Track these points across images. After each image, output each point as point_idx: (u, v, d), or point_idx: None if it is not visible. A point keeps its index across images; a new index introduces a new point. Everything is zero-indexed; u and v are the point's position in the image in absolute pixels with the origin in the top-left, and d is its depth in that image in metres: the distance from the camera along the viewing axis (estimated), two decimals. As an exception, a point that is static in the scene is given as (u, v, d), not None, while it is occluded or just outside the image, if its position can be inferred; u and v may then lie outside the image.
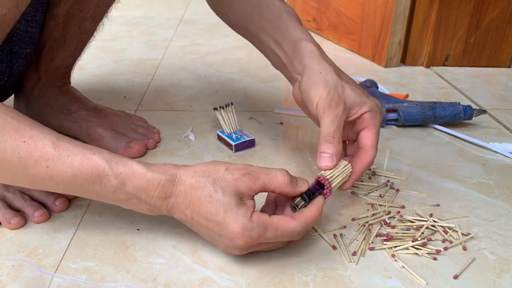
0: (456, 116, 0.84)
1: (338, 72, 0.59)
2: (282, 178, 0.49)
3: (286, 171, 0.50)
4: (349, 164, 0.56)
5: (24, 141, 0.45)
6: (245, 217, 0.46)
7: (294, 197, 0.52)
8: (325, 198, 0.52)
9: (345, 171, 0.55)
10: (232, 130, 0.79)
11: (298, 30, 0.62)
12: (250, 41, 0.72)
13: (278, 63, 0.66)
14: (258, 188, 0.49)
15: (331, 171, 0.54)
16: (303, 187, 0.51)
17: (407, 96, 0.93)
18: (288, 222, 0.48)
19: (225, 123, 0.79)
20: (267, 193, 0.54)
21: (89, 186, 0.47)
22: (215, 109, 0.80)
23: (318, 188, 0.52)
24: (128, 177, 0.47)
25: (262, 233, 0.47)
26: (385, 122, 0.85)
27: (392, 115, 0.85)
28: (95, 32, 0.75)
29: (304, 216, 0.49)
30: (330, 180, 0.53)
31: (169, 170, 0.48)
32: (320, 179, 0.53)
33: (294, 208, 0.51)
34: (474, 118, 0.86)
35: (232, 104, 0.82)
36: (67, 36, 0.71)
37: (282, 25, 0.63)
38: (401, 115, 0.84)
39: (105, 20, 0.75)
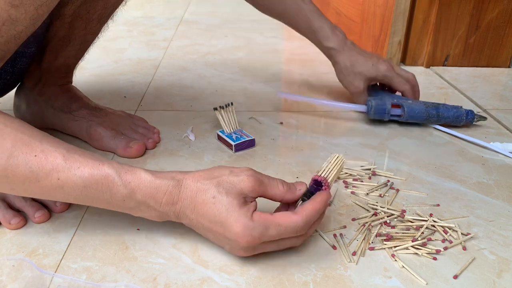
0: (458, 118, 0.84)
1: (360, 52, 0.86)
2: (281, 187, 0.51)
3: (282, 180, 0.52)
4: (341, 156, 0.57)
5: (35, 155, 0.46)
6: (245, 217, 0.47)
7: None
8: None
9: (338, 163, 0.56)
10: (232, 130, 0.79)
11: (320, 18, 0.85)
12: (283, 22, 0.89)
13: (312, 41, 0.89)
14: (261, 191, 0.50)
15: (326, 166, 0.55)
16: (301, 190, 0.52)
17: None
18: (289, 217, 0.48)
19: (225, 123, 0.79)
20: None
21: (100, 196, 0.48)
22: (215, 109, 0.80)
23: (316, 187, 0.53)
24: (137, 186, 0.48)
25: (264, 231, 0.47)
26: (389, 116, 0.86)
27: (397, 111, 0.85)
28: (100, 33, 0.75)
29: (305, 209, 0.49)
30: (326, 176, 0.54)
31: (176, 176, 0.50)
32: (317, 179, 0.54)
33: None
34: (474, 123, 0.86)
35: (232, 104, 0.82)
36: (72, 36, 0.71)
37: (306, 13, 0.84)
38: (406, 111, 0.84)
39: (110, 21, 0.75)
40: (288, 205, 0.55)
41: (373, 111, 0.85)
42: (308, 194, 0.52)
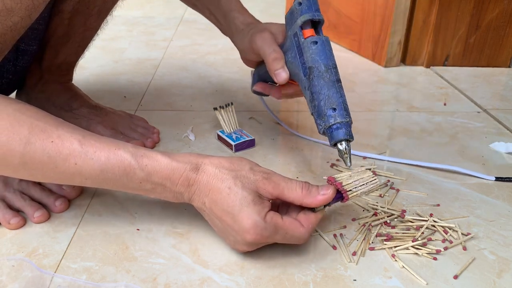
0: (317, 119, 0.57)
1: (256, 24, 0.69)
2: (299, 191, 0.50)
3: (307, 183, 0.51)
4: (377, 181, 0.53)
5: (52, 141, 0.47)
6: (259, 215, 0.47)
7: None
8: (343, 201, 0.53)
9: (370, 187, 0.53)
10: (232, 130, 0.79)
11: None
12: (194, 9, 0.79)
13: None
14: (276, 194, 0.50)
15: (356, 181, 0.52)
16: (325, 195, 0.50)
17: None
18: (298, 228, 0.49)
19: (225, 123, 0.79)
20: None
21: (116, 179, 0.49)
22: (215, 109, 0.80)
23: (338, 197, 0.52)
24: (153, 168, 0.49)
25: (273, 234, 0.48)
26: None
27: None
28: (99, 30, 0.75)
29: (311, 223, 0.50)
30: (349, 190, 0.52)
31: (194, 160, 0.50)
32: (339, 189, 0.52)
33: (313, 210, 0.51)
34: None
35: (232, 104, 0.82)
36: (72, 33, 0.71)
37: None
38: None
39: (109, 17, 0.75)
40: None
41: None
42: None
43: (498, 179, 0.69)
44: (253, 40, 0.64)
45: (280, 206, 0.54)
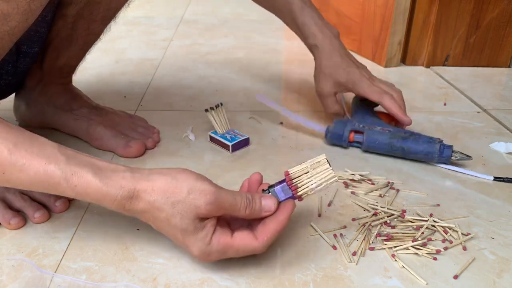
0: (429, 155, 0.71)
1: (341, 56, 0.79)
2: (243, 212, 0.48)
3: (249, 199, 0.48)
4: (333, 176, 0.49)
5: None
6: (203, 243, 0.46)
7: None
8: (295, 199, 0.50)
9: (325, 180, 0.49)
10: (224, 131, 0.78)
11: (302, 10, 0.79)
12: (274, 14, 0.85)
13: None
14: (221, 214, 0.48)
15: (308, 173, 0.50)
16: (268, 212, 0.49)
17: (394, 121, 0.78)
18: (250, 243, 0.48)
19: (217, 124, 0.78)
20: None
21: (48, 191, 0.47)
22: (206, 110, 0.80)
23: (291, 197, 0.50)
24: (83, 191, 0.46)
25: (221, 255, 0.48)
26: (347, 144, 0.77)
27: (358, 137, 0.76)
28: (102, 35, 0.76)
29: (267, 233, 0.48)
30: (301, 186, 0.50)
31: (126, 186, 0.46)
32: (289, 185, 0.50)
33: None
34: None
35: (221, 104, 0.81)
36: (74, 36, 0.71)
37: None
38: (365, 140, 0.74)
39: (112, 23, 0.75)
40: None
41: (329, 136, 0.77)
42: (272, 191, 0.50)
43: (496, 179, 0.69)
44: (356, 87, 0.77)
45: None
